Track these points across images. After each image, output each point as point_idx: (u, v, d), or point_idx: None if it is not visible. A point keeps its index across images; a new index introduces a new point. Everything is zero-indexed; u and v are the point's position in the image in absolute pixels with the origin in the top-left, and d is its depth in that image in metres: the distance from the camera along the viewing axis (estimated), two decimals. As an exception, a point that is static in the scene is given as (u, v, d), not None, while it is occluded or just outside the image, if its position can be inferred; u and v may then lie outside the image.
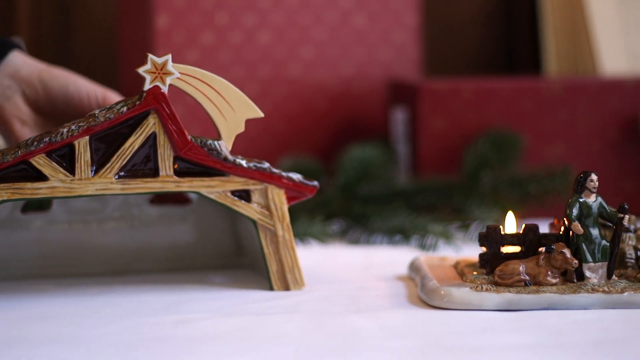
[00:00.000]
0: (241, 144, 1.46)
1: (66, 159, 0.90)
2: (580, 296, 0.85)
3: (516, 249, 0.91)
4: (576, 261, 0.87)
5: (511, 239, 0.91)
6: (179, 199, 1.05)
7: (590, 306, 0.84)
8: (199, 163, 0.91)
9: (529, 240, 0.91)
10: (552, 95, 1.37)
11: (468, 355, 0.72)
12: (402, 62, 1.52)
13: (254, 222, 0.93)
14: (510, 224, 0.95)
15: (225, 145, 0.92)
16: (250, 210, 0.93)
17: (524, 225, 0.91)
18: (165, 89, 0.90)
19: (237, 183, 0.92)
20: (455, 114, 1.36)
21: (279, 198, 0.93)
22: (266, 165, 0.93)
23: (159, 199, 1.05)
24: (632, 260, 0.93)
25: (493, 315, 0.83)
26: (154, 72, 0.89)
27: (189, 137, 0.90)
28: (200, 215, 1.05)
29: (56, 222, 1.03)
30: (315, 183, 0.95)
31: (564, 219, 0.89)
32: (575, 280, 0.88)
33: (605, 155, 1.38)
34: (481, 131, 1.35)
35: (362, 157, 1.34)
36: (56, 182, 0.89)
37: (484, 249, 0.91)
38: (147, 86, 0.90)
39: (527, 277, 0.87)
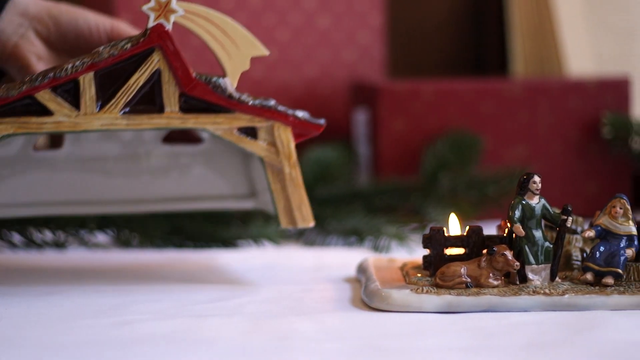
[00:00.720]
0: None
1: (71, 95, 0.90)
2: (520, 298, 0.84)
3: (460, 251, 0.91)
4: (518, 263, 0.87)
5: (455, 241, 0.91)
6: (191, 138, 1.05)
7: (530, 308, 0.84)
8: (204, 100, 0.91)
9: (473, 242, 0.90)
10: (513, 97, 1.37)
11: (398, 357, 0.71)
12: (366, 63, 1.51)
13: (260, 159, 0.93)
14: (455, 226, 0.94)
15: (230, 83, 0.92)
16: (257, 147, 0.92)
17: (467, 227, 0.91)
18: (169, 27, 0.90)
19: (243, 120, 0.92)
20: (415, 115, 1.36)
21: (285, 135, 0.93)
22: (272, 102, 0.92)
23: (171, 138, 1.04)
24: (578, 262, 0.93)
25: (432, 318, 0.83)
26: (158, 10, 0.89)
27: (194, 74, 0.91)
28: (212, 156, 1.05)
29: (69, 160, 1.03)
30: (322, 121, 0.95)
31: (506, 220, 0.88)
32: (517, 283, 0.88)
33: (567, 157, 1.38)
34: (441, 132, 1.35)
35: (320, 159, 1.34)
36: (61, 117, 0.90)
37: (427, 251, 0.91)
38: (151, 23, 0.90)
39: (469, 279, 0.87)
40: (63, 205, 1.06)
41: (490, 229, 0.93)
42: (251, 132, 0.93)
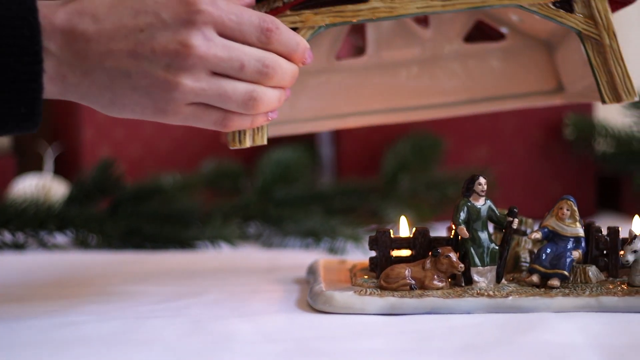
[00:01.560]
0: (166, 145, 1.46)
1: None
2: (463, 300, 0.84)
3: (407, 252, 0.91)
4: (462, 265, 0.86)
5: (401, 243, 0.90)
6: (491, 36, 1.01)
7: (473, 310, 0.84)
8: None
9: (419, 243, 0.90)
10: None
11: (332, 359, 0.71)
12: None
13: (578, 33, 0.88)
14: (404, 228, 0.94)
15: None
16: (574, 20, 0.88)
17: (414, 229, 0.90)
18: None
19: None
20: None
21: (602, 6, 0.88)
22: None
23: (471, 37, 1.01)
24: (527, 264, 0.93)
25: (374, 320, 0.82)
26: None
27: None
28: (514, 52, 1.02)
29: (370, 67, 1.02)
30: None
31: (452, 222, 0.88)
32: (463, 284, 0.88)
33: (530, 158, 1.38)
34: (403, 133, 1.34)
35: (281, 160, 1.33)
36: (377, 2, 0.86)
37: (374, 253, 0.91)
38: None
39: (413, 281, 0.86)
40: (370, 114, 1.04)
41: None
42: (566, 6, 0.87)
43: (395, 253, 0.90)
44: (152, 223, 1.22)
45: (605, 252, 0.91)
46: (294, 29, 0.85)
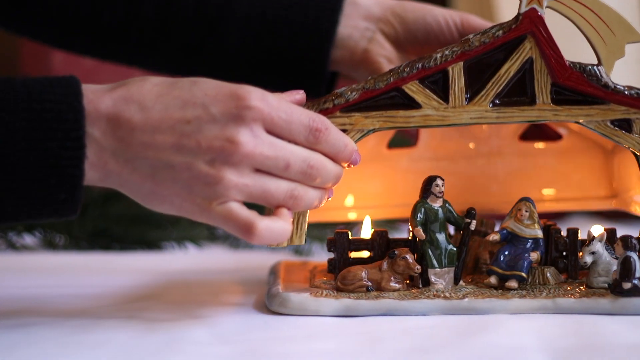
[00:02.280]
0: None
1: (439, 86, 0.86)
2: (419, 302, 0.84)
3: (366, 254, 0.90)
4: (419, 267, 0.86)
5: (359, 244, 0.90)
6: (550, 135, 1.00)
7: (429, 312, 0.83)
8: (577, 90, 0.86)
9: (378, 245, 0.90)
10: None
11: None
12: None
13: (635, 154, 0.87)
14: (367, 229, 0.94)
15: (605, 71, 0.86)
16: (632, 141, 0.86)
17: (372, 230, 0.90)
18: (542, 12, 0.85)
19: (618, 112, 0.86)
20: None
21: None
22: None
23: (528, 135, 1.00)
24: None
25: (329, 321, 0.82)
26: None
27: (568, 63, 0.86)
28: (571, 154, 1.00)
29: (422, 159, 1.00)
30: None
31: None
32: (420, 286, 0.87)
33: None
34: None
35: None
36: (429, 109, 0.85)
37: (332, 255, 0.90)
38: (523, 8, 0.85)
39: (369, 283, 0.86)
40: None
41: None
42: (625, 125, 0.86)
43: (354, 254, 0.90)
44: (119, 224, 1.22)
45: (564, 253, 0.91)
46: (343, 131, 0.84)
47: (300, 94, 0.84)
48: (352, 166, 0.83)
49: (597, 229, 0.93)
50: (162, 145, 0.76)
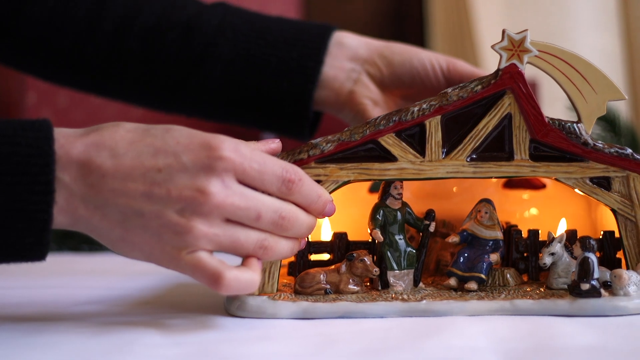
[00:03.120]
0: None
1: (416, 139, 0.86)
2: (377, 304, 0.84)
3: (326, 256, 0.91)
4: (377, 269, 0.86)
5: (319, 247, 0.90)
6: (534, 184, 0.99)
7: (386, 314, 0.83)
8: (556, 147, 0.86)
9: (337, 247, 0.90)
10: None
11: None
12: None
13: (614, 211, 0.87)
14: (327, 232, 0.94)
15: (584, 129, 0.86)
16: (610, 199, 0.86)
17: (332, 233, 0.90)
18: (523, 68, 0.85)
19: (597, 170, 0.86)
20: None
21: None
22: (629, 151, 0.86)
23: (512, 184, 0.99)
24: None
25: (285, 324, 0.82)
26: (511, 50, 0.84)
27: (547, 120, 0.86)
28: (556, 200, 0.98)
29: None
30: None
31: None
32: (380, 288, 0.87)
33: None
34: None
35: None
36: (405, 163, 0.85)
37: (292, 258, 0.90)
38: (503, 64, 0.85)
39: (328, 286, 0.86)
40: None
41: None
42: (604, 183, 0.86)
43: (314, 257, 0.90)
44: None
45: (525, 254, 0.91)
46: (318, 181, 0.84)
47: (275, 143, 0.83)
48: (325, 217, 0.83)
49: (561, 228, 0.93)
50: (133, 193, 0.76)
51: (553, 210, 0.97)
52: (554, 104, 0.88)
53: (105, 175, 0.76)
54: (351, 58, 1.05)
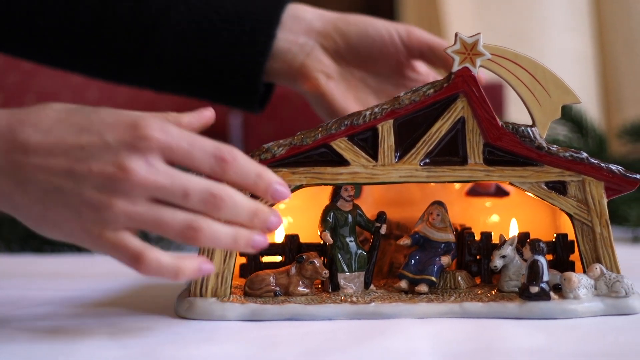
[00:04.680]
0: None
1: (369, 143, 0.85)
2: (325, 307, 0.83)
3: (277, 258, 0.90)
4: (326, 271, 0.86)
5: (271, 248, 0.90)
6: (498, 191, 0.98)
7: (334, 317, 0.83)
8: (510, 151, 0.85)
9: (289, 249, 0.90)
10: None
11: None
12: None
13: (570, 216, 0.86)
14: (280, 233, 0.94)
15: (538, 132, 0.85)
16: (566, 203, 0.86)
17: (284, 235, 0.90)
18: (475, 71, 0.84)
19: (552, 174, 0.85)
20: (284, 119, 1.35)
21: (597, 191, 0.86)
22: (584, 155, 0.85)
23: (475, 192, 0.99)
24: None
25: (231, 326, 0.82)
26: (464, 53, 0.84)
27: (500, 123, 0.85)
28: (519, 205, 0.97)
29: (366, 202, 0.96)
30: (638, 176, 0.86)
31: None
32: (330, 291, 0.87)
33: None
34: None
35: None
36: (358, 167, 0.85)
37: (244, 260, 0.90)
38: (455, 67, 0.84)
39: (277, 288, 0.86)
40: None
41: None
42: (559, 187, 0.86)
43: (266, 259, 0.90)
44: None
45: (478, 257, 0.91)
46: None
47: (209, 111, 0.83)
48: (276, 202, 0.81)
49: (513, 231, 0.93)
50: (55, 169, 0.75)
51: (517, 217, 0.96)
52: (522, 106, 0.87)
53: (27, 151, 0.75)
54: (305, 31, 1.04)
